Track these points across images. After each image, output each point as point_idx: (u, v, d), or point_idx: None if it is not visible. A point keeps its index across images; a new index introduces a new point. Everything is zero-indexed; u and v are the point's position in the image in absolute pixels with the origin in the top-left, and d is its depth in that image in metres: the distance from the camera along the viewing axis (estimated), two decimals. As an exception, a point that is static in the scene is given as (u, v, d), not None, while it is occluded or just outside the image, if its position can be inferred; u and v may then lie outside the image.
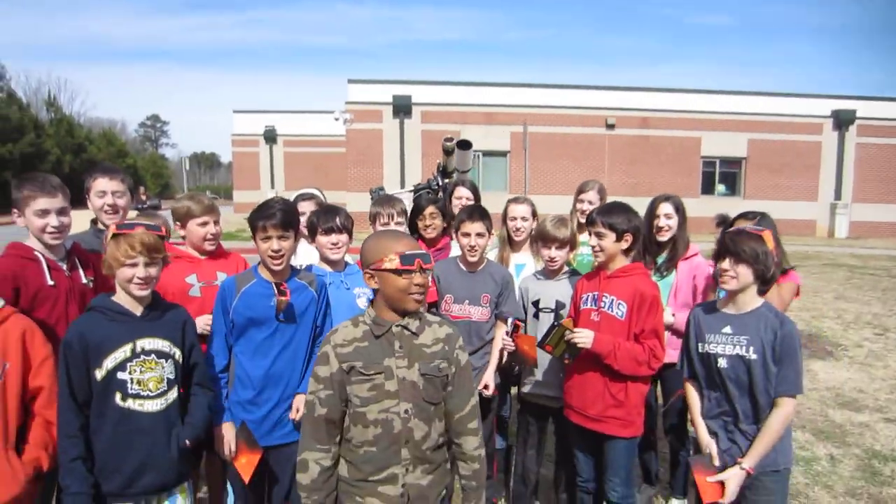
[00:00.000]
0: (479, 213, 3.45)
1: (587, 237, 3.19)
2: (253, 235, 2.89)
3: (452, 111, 23.72)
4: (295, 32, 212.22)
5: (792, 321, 2.69)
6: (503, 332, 3.46)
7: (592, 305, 3.11)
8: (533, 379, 3.52)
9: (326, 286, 3.09)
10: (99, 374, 2.35)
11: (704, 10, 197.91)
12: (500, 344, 3.47)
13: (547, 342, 3.10)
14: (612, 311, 3.04)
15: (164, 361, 2.47)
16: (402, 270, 2.13)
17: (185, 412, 2.59)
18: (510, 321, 3.43)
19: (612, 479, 3.11)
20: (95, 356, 2.35)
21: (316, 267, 3.32)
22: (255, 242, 2.89)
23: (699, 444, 2.84)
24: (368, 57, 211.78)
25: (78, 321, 2.40)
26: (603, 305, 3.06)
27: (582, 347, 2.99)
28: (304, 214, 3.75)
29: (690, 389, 2.92)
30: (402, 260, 2.13)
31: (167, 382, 2.48)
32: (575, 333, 2.99)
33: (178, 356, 2.53)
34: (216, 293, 2.96)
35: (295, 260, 3.67)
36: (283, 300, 2.80)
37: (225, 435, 2.85)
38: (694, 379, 2.89)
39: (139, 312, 2.45)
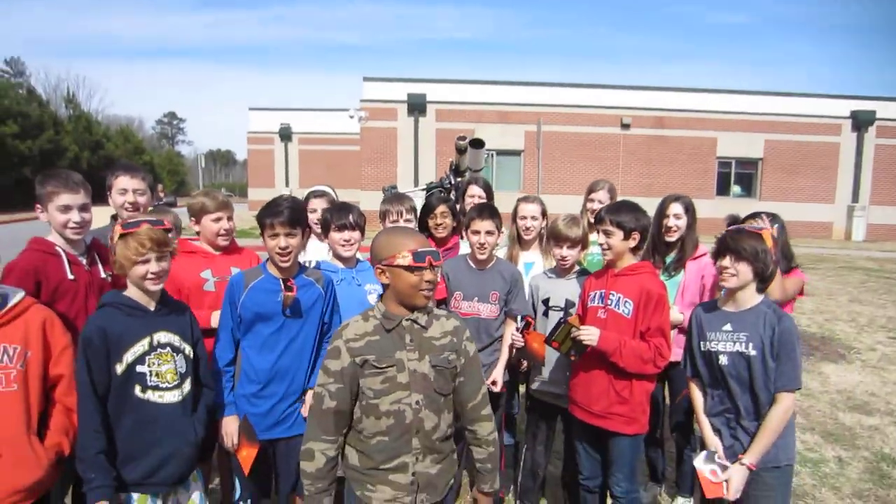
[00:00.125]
0: (488, 211, 3.49)
1: (597, 236, 3.23)
2: (261, 233, 2.94)
3: (467, 110, 23.75)
4: (311, 29, 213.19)
5: (790, 317, 2.71)
6: (513, 328, 3.49)
7: (600, 303, 3.14)
8: (541, 377, 3.56)
9: (333, 283, 3.13)
10: (119, 367, 2.41)
11: (722, 8, 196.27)
12: (509, 340, 3.51)
13: (554, 338, 3.14)
14: (618, 308, 3.07)
15: (176, 355, 2.55)
16: (413, 267, 2.18)
17: (194, 407, 2.66)
18: (521, 318, 3.46)
19: (616, 474, 3.14)
20: (116, 350, 2.41)
21: (328, 263, 3.38)
22: (263, 239, 2.94)
23: (704, 441, 2.88)
24: (384, 55, 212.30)
25: (95, 316, 2.45)
26: (610, 303, 3.09)
27: (588, 345, 3.03)
28: (315, 212, 3.81)
29: (694, 388, 2.95)
30: (414, 257, 2.18)
31: (180, 375, 2.55)
32: (581, 331, 3.02)
33: (188, 351, 2.61)
34: None
35: (304, 256, 3.74)
36: (289, 296, 2.85)
37: (227, 428, 2.91)
38: (697, 377, 2.92)
39: (152, 307, 2.53)
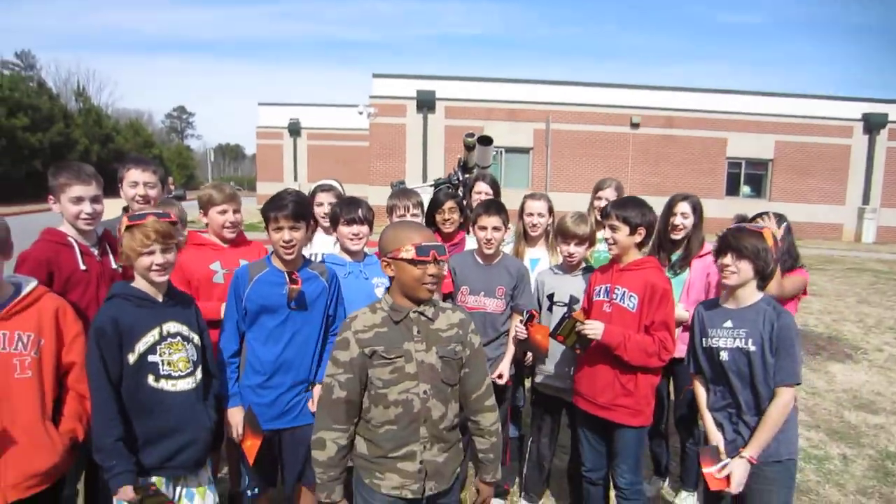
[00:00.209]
0: (495, 207, 3.53)
1: (605, 233, 3.25)
2: (266, 226, 2.98)
3: (476, 107, 23.74)
4: (321, 25, 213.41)
5: (789, 314, 2.74)
6: (518, 321, 3.53)
7: (605, 297, 3.17)
8: (546, 370, 3.59)
9: (338, 277, 3.17)
10: (132, 357, 2.45)
11: (734, 9, 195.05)
12: (514, 333, 3.54)
13: (559, 332, 3.17)
14: (623, 302, 3.10)
15: (186, 344, 2.60)
16: (417, 261, 2.24)
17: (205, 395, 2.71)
18: (525, 310, 3.50)
19: (620, 465, 3.18)
20: (128, 340, 2.45)
21: (336, 256, 3.43)
22: (267, 233, 2.98)
23: (707, 436, 2.91)
24: (393, 51, 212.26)
25: (106, 307, 2.49)
26: (615, 297, 3.12)
27: (593, 339, 3.06)
28: (321, 205, 3.86)
29: (697, 384, 2.98)
30: (417, 251, 2.23)
31: (192, 364, 2.60)
32: (585, 325, 3.05)
33: (196, 340, 2.65)
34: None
35: (311, 249, 3.78)
36: (294, 288, 2.89)
37: (232, 419, 2.96)
38: (700, 374, 2.94)
39: (160, 298, 2.57)
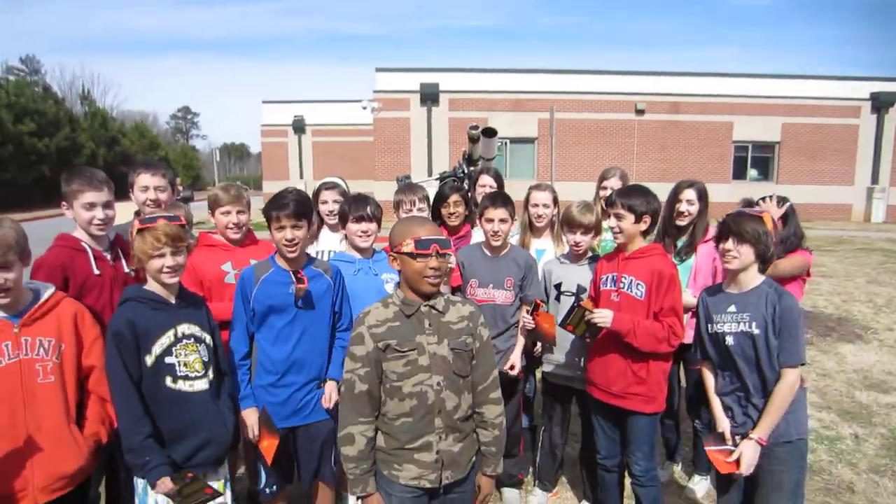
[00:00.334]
0: (501, 199, 3.55)
1: (610, 222, 3.27)
2: (268, 225, 3.01)
3: (480, 98, 23.69)
4: (323, 20, 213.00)
5: (791, 295, 2.76)
6: (525, 311, 3.56)
7: (612, 286, 3.19)
8: (555, 359, 3.63)
9: (341, 273, 3.21)
10: (149, 359, 2.51)
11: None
12: (521, 323, 3.57)
13: (568, 322, 3.20)
14: (631, 291, 3.12)
15: (199, 345, 2.65)
16: (417, 254, 2.30)
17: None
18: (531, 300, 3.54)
19: (635, 452, 3.21)
20: (145, 343, 2.51)
21: (345, 253, 3.47)
22: (270, 232, 3.02)
23: (714, 421, 2.93)
24: (396, 45, 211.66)
25: (122, 311, 2.53)
26: (622, 286, 3.15)
27: (602, 327, 3.09)
28: (326, 203, 3.89)
29: (705, 370, 3.00)
30: (416, 244, 2.30)
31: (204, 364, 2.65)
32: (595, 314, 3.08)
33: (208, 340, 2.71)
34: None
35: (317, 246, 3.81)
36: (301, 287, 2.93)
37: (248, 419, 2.99)
38: (708, 359, 2.97)
39: (173, 300, 2.63)
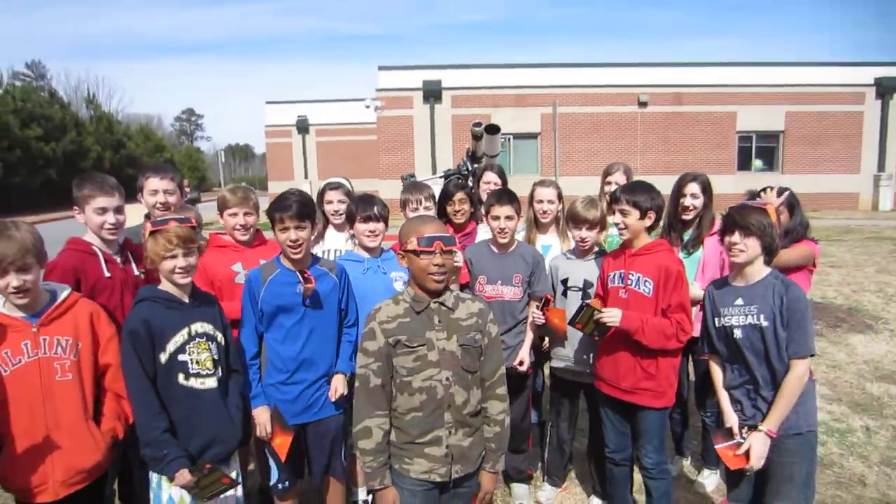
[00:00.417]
0: (507, 196, 3.56)
1: (615, 219, 3.28)
2: (272, 227, 3.04)
3: (482, 94, 23.67)
4: (323, 20, 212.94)
5: (798, 286, 2.76)
6: (535, 307, 3.58)
7: (620, 283, 3.21)
8: (563, 355, 3.64)
9: (346, 271, 3.25)
10: (163, 357, 2.59)
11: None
12: (531, 319, 3.59)
13: (577, 321, 3.21)
14: (639, 288, 3.13)
15: (210, 343, 2.71)
16: (420, 251, 2.36)
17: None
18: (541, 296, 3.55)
19: (645, 446, 3.22)
20: (159, 341, 2.58)
21: (354, 253, 3.51)
22: (274, 233, 3.05)
23: (722, 415, 2.94)
24: (398, 43, 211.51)
25: (138, 310, 2.61)
26: (630, 283, 3.16)
27: (611, 325, 3.10)
28: (331, 203, 3.91)
29: (713, 364, 3.01)
30: (419, 241, 2.36)
31: (215, 362, 2.72)
32: (603, 313, 3.09)
33: (220, 338, 2.77)
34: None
35: (323, 246, 3.85)
36: (309, 287, 2.97)
37: (259, 418, 3.03)
38: (715, 353, 2.97)
39: (186, 300, 2.70)
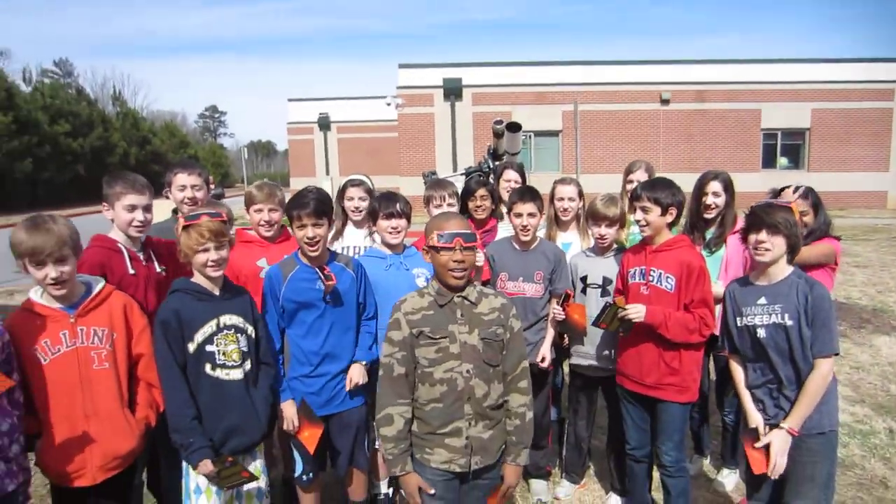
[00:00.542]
0: (530, 194, 3.60)
1: (637, 215, 3.29)
2: (290, 224, 3.11)
3: (503, 92, 23.65)
4: (345, 18, 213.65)
5: (822, 285, 2.76)
6: (555, 303, 3.61)
7: (641, 279, 3.22)
8: (583, 351, 3.66)
9: (363, 266, 3.32)
10: (191, 346, 2.68)
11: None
12: (551, 315, 3.62)
13: (602, 321, 3.25)
14: (660, 284, 3.15)
15: (239, 336, 2.78)
16: (440, 248, 2.43)
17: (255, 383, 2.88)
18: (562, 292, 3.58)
19: (665, 443, 3.23)
20: (188, 331, 2.67)
21: (377, 249, 3.57)
22: (291, 230, 3.12)
23: (746, 415, 2.94)
24: (419, 40, 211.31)
25: (169, 301, 2.71)
26: (651, 279, 3.17)
27: (636, 321, 3.11)
28: (352, 200, 3.97)
29: (734, 363, 3.01)
30: (438, 237, 2.44)
31: (243, 354, 2.78)
32: (628, 310, 3.11)
33: (250, 331, 2.84)
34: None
35: (342, 242, 3.91)
36: (330, 284, 3.03)
37: (286, 412, 3.09)
38: (735, 353, 2.97)
39: (217, 292, 2.77)
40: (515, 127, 5.30)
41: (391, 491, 3.80)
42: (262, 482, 2.92)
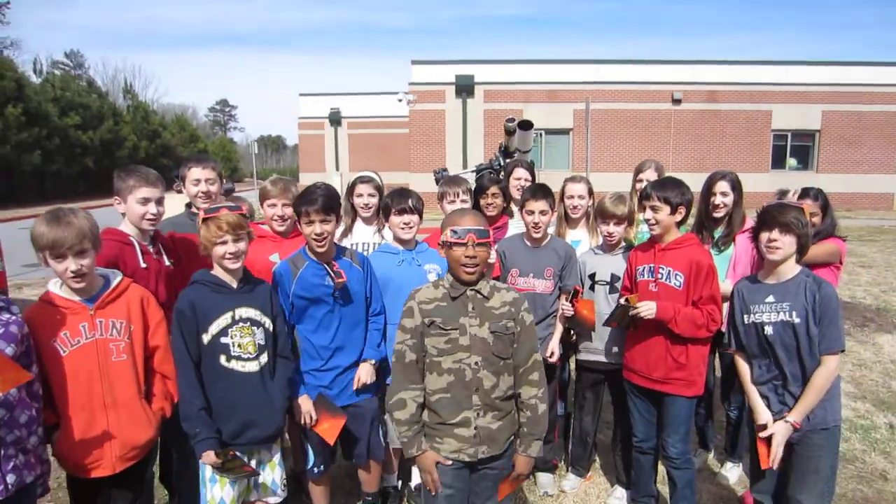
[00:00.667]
0: (542, 191, 3.65)
1: (646, 214, 3.34)
2: (297, 220, 3.15)
3: (515, 90, 23.66)
4: (357, 12, 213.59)
5: (830, 283, 2.81)
6: (564, 299, 3.67)
7: (649, 277, 3.28)
8: (590, 346, 3.73)
9: (368, 259, 3.38)
10: (206, 337, 2.73)
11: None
12: (560, 311, 3.68)
13: (613, 319, 3.32)
14: (669, 281, 3.20)
15: (255, 329, 2.82)
16: (452, 243, 2.51)
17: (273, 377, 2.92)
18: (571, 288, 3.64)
19: (672, 435, 3.28)
20: (203, 322, 2.72)
21: (389, 245, 3.63)
22: (299, 226, 3.16)
23: (752, 411, 2.99)
24: (431, 36, 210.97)
25: (188, 291, 2.77)
26: (660, 277, 3.23)
27: (647, 318, 3.17)
28: (361, 196, 4.01)
29: (740, 360, 3.06)
30: (452, 233, 2.51)
31: (259, 347, 2.82)
32: (639, 308, 3.16)
33: (268, 325, 2.87)
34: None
35: (351, 239, 3.96)
36: (340, 282, 3.09)
37: (303, 406, 3.12)
38: (742, 350, 3.02)
39: (235, 285, 2.81)
40: (528, 125, 5.34)
41: (400, 484, 3.88)
42: (277, 475, 2.96)
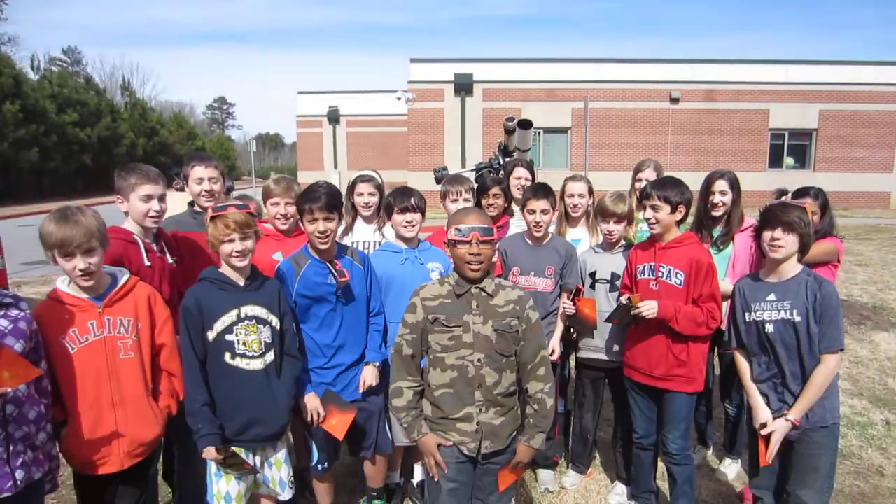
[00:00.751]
0: (543, 191, 3.68)
1: (644, 212, 3.37)
2: (300, 218, 3.18)
3: (514, 88, 23.70)
4: (356, 10, 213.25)
5: (830, 283, 2.84)
6: (565, 297, 3.70)
7: (650, 275, 3.31)
8: (591, 344, 3.75)
9: (368, 257, 3.40)
10: (210, 335, 2.75)
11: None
12: (562, 309, 3.71)
13: (614, 317, 3.36)
14: (669, 280, 3.24)
15: (261, 327, 2.83)
16: (455, 241, 2.55)
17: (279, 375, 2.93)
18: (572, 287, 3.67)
19: (672, 431, 3.32)
20: (209, 319, 2.74)
21: (392, 244, 3.64)
22: (302, 224, 3.18)
23: (752, 409, 3.01)
24: (430, 35, 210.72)
25: (194, 289, 2.79)
26: (661, 275, 3.26)
27: (649, 316, 3.20)
28: (361, 195, 4.02)
29: (740, 358, 3.09)
30: (456, 231, 2.54)
31: (265, 345, 2.84)
32: (641, 307, 3.19)
33: (274, 323, 2.88)
34: None
35: (352, 237, 3.99)
36: (343, 281, 3.12)
37: (309, 403, 3.12)
38: (742, 347, 3.05)
39: (242, 283, 2.83)
40: (527, 124, 5.37)
41: (402, 480, 3.91)
42: (284, 472, 2.99)
